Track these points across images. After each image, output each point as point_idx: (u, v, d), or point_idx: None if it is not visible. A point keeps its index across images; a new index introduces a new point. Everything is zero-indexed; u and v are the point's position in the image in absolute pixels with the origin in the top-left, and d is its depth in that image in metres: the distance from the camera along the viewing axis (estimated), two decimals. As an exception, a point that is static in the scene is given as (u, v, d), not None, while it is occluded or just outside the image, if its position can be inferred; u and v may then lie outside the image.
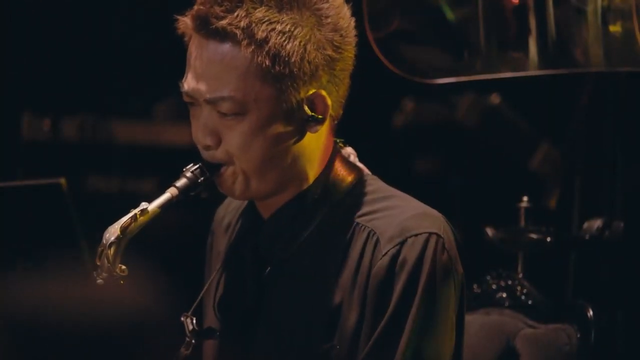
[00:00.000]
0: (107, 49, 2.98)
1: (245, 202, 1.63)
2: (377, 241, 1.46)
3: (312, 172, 1.52)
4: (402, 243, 1.44)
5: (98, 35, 2.96)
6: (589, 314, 1.99)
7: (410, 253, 1.43)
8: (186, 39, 1.50)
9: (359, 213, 1.51)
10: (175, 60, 1.56)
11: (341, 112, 1.54)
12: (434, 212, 1.51)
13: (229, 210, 1.70)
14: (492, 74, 2.39)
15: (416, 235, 1.44)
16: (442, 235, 1.46)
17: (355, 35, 1.52)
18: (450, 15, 2.36)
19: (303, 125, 1.48)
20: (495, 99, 3.02)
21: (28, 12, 2.89)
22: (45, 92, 3.01)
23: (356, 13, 1.56)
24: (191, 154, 1.52)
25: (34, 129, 3.04)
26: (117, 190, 3.13)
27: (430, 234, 1.45)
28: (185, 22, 1.48)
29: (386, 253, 1.44)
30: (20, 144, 3.00)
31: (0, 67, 2.91)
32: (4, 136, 2.97)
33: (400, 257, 1.43)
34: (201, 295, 1.62)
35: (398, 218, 1.47)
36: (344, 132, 1.62)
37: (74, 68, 2.98)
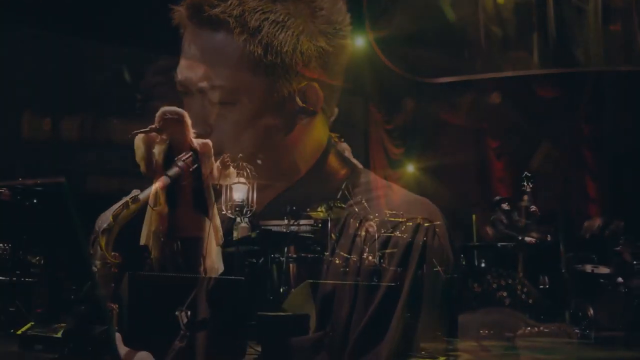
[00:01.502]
0: (107, 48, 2.97)
1: None
2: (368, 230, 1.46)
3: (305, 165, 1.53)
4: (393, 229, 1.45)
5: (98, 34, 2.95)
6: (589, 314, 1.99)
7: (401, 238, 1.44)
8: (181, 30, 1.50)
9: (351, 202, 1.52)
10: (174, 58, 1.55)
11: (336, 109, 1.54)
12: (425, 200, 1.52)
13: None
14: (493, 73, 2.39)
15: (407, 220, 1.45)
16: (434, 222, 1.46)
17: (351, 31, 1.52)
18: (450, 15, 2.36)
19: (294, 117, 1.48)
20: (495, 98, 3.01)
21: (28, 12, 2.89)
22: (45, 92, 3.00)
23: (357, 13, 1.56)
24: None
25: (34, 129, 3.03)
26: (117, 190, 3.12)
27: (422, 220, 1.46)
28: (180, 12, 1.49)
29: (377, 239, 1.45)
30: (20, 144, 3.00)
31: (0, 67, 2.90)
32: (4, 136, 2.96)
33: (391, 243, 1.44)
34: (196, 290, 1.61)
35: (390, 206, 1.48)
36: (342, 130, 1.61)
37: (74, 68, 2.97)
